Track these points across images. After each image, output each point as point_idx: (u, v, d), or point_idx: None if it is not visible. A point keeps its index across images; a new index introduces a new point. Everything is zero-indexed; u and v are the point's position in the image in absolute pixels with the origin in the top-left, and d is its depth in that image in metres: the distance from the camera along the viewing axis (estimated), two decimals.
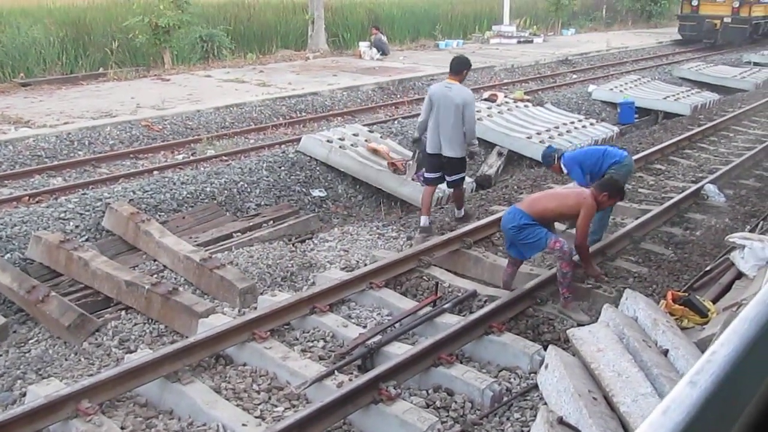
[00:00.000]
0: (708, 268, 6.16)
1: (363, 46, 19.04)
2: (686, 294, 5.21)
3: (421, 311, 5.57)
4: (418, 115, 12.62)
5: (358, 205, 8.96)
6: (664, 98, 13.97)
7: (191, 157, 10.16)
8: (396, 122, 11.40)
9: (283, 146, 10.05)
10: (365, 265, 6.57)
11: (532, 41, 23.61)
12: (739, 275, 5.93)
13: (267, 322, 5.31)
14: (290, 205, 8.12)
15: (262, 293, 6.18)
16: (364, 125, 10.76)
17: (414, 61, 18.51)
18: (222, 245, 7.12)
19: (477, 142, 7.56)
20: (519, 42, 23.44)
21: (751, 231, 7.27)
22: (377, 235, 7.51)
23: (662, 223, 7.55)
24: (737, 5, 23.55)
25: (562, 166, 6.70)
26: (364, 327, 5.43)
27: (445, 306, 5.57)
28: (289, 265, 6.75)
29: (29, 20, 19.63)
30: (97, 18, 21.07)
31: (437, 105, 7.12)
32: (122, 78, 15.47)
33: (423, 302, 5.72)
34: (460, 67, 7.22)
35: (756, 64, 20.53)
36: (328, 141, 9.23)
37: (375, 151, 9.08)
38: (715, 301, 5.48)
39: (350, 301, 5.91)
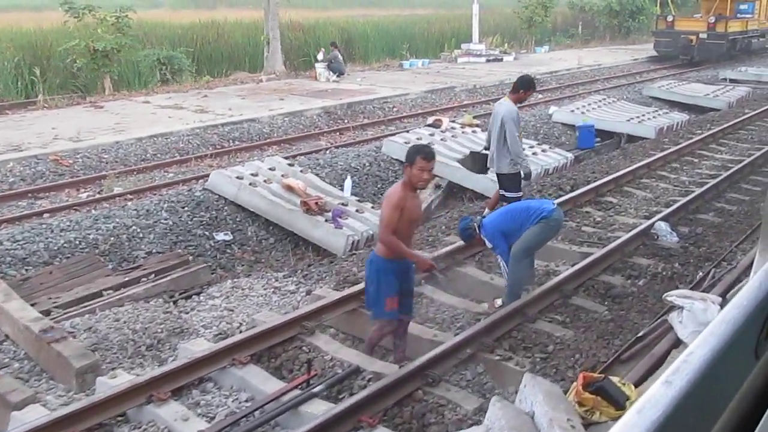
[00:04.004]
0: (641, 334, 5.18)
1: (319, 67, 18.16)
2: (601, 377, 4.21)
3: (288, 395, 4.57)
4: (361, 143, 11.79)
5: (268, 249, 7.97)
6: (628, 120, 13.07)
7: (98, 195, 9.16)
8: (328, 152, 10.45)
9: (196, 182, 9.05)
10: (243, 330, 5.57)
11: (501, 60, 22.81)
12: (678, 343, 4.97)
13: (90, 416, 4.31)
14: (179, 254, 7.11)
15: (114, 369, 5.20)
16: (286, 157, 9.82)
17: (372, 82, 17.63)
18: (87, 306, 6.11)
19: (525, 162, 7.23)
20: (488, 61, 22.64)
21: (702, 279, 6.33)
22: (272, 290, 6.51)
23: (601, 270, 6.57)
24: (713, 21, 22.82)
25: (484, 237, 5.73)
26: (212, 419, 4.42)
27: (315, 390, 4.57)
28: (159, 331, 5.76)
29: None
30: (59, 41, 20.11)
31: (492, 119, 7.31)
32: (53, 106, 14.48)
33: (291, 383, 4.71)
34: (517, 86, 7.09)
35: (732, 80, 19.78)
36: (237, 177, 8.26)
37: (290, 188, 8.11)
38: (642, 380, 4.49)
39: (208, 381, 4.90)
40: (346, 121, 13.68)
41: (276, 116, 13.12)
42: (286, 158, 9.79)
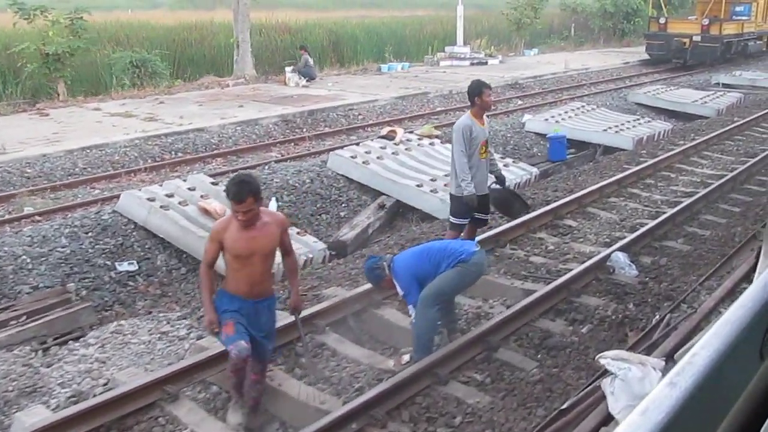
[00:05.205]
0: (565, 405, 4.26)
1: (288, 71, 17.30)
2: None
3: None
4: (314, 155, 10.91)
5: (178, 280, 7.10)
6: (604, 130, 12.15)
7: (7, 216, 8.31)
8: (266, 168, 9.55)
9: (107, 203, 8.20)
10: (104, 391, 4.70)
11: (486, 63, 21.91)
12: (609, 419, 4.07)
13: None
14: (61, 291, 6.23)
15: None
16: (211, 175, 8.94)
17: (343, 87, 16.75)
18: None
19: (466, 183, 6.02)
20: (472, 64, 21.74)
21: (655, 326, 5.42)
22: (159, 335, 5.63)
23: (541, 313, 5.68)
24: (707, 23, 21.85)
25: (395, 281, 4.84)
26: None
27: None
28: (9, 389, 4.90)
29: None
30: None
31: None
32: None
33: None
34: (469, 97, 6.22)
35: (725, 85, 18.83)
36: (148, 199, 7.39)
37: (206, 212, 7.24)
38: None
39: None
40: (304, 130, 12.80)
41: (227, 125, 12.25)
42: (216, 175, 8.92)
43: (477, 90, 6.13)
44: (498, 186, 6.63)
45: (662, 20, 22.79)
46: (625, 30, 31.16)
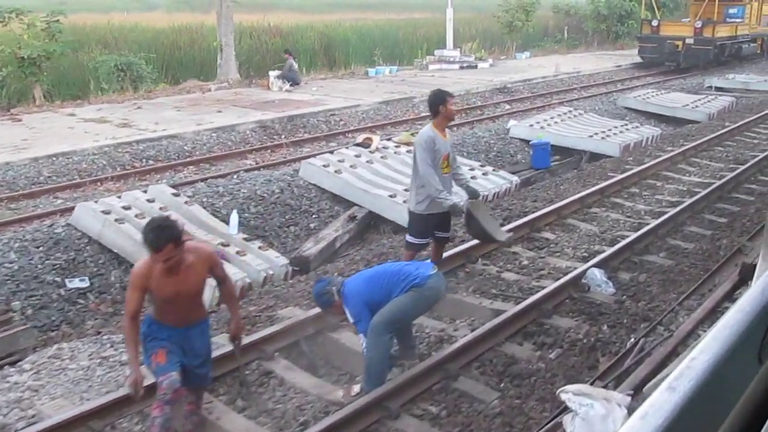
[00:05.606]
0: None
1: (272, 76, 16.96)
2: None
3: None
4: (289, 162, 10.55)
5: None
6: (590, 136, 11.80)
7: None
8: (235, 177, 9.19)
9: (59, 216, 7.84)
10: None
11: (476, 66, 21.55)
12: None
13: None
14: (4, 311, 5.87)
15: None
16: (179, 184, 8.59)
17: (326, 92, 16.40)
18: None
19: (443, 195, 5.58)
20: (462, 68, 21.40)
21: (628, 352, 5.06)
22: (99, 360, 5.27)
23: (507, 337, 5.32)
24: (700, 25, 21.54)
25: (345, 309, 4.49)
26: None
27: None
28: None
29: None
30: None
31: None
32: None
33: None
34: (429, 106, 5.83)
35: (718, 89, 18.51)
36: (103, 212, 7.04)
37: None
38: None
39: None
40: (282, 136, 12.44)
41: (203, 131, 11.89)
42: (181, 185, 8.57)
43: (440, 99, 5.71)
44: (472, 200, 6.15)
45: (655, 23, 22.48)
46: (618, 32, 30.85)
